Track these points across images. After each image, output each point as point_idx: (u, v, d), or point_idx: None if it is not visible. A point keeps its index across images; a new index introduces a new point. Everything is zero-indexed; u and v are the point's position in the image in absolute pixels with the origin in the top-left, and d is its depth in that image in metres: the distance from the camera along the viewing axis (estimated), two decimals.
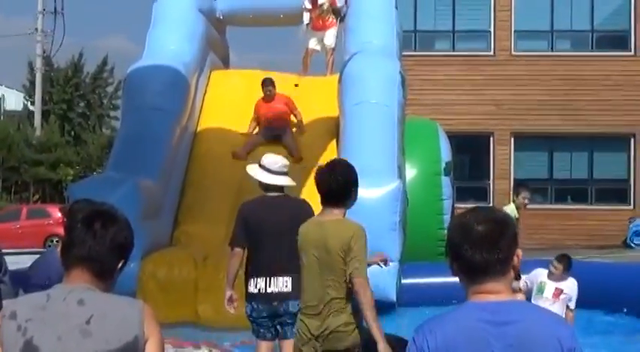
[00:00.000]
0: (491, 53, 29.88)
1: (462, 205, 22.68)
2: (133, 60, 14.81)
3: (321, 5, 16.44)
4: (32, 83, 48.62)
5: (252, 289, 7.60)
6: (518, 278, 9.89)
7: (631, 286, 12.56)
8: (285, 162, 7.93)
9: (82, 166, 43.47)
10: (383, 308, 11.85)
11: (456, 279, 3.10)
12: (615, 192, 29.73)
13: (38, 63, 47.13)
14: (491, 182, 29.41)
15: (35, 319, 3.09)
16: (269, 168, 7.81)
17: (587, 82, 29.08)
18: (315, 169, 6.27)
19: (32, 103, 48.33)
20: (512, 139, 29.66)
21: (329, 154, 13.68)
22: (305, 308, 6.03)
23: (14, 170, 41.93)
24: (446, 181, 15.77)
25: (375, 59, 13.89)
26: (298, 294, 6.89)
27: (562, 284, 9.53)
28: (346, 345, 5.84)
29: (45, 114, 46.95)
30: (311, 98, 15.42)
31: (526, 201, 12.49)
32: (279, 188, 7.81)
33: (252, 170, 7.91)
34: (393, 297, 11.85)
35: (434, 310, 5.42)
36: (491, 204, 25.35)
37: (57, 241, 31.05)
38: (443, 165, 15.82)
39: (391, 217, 11.83)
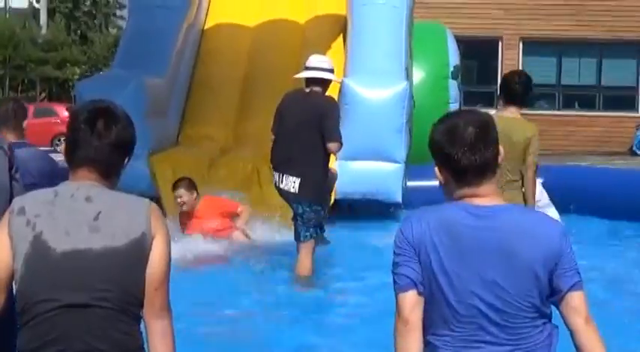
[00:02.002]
0: None
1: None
2: None
3: None
4: None
5: (275, 181, 7.91)
6: None
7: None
8: (326, 59, 8.04)
9: (89, 65, 43.32)
10: (389, 209, 12.07)
11: None
12: (623, 99, 29.63)
13: None
14: (498, 87, 29.26)
15: (43, 214, 3.14)
16: (307, 65, 7.96)
17: None
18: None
19: (37, 1, 47.92)
20: (521, 44, 29.46)
21: (335, 54, 13.62)
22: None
23: (20, 68, 41.80)
24: (453, 85, 15.75)
25: None
26: (309, 196, 7.02)
27: None
28: None
29: (51, 13, 46.61)
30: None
31: None
32: (319, 83, 7.81)
33: (302, 73, 8.14)
34: (399, 198, 11.97)
35: None
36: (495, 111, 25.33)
37: (61, 140, 31.17)
38: (451, 68, 15.77)
39: (398, 118, 11.84)
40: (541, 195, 10.52)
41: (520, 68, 29.21)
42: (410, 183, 12.47)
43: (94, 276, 3.09)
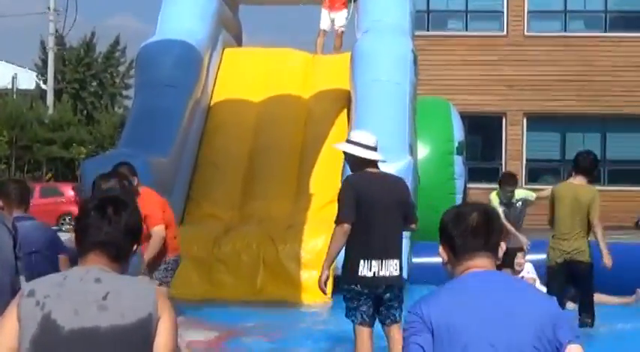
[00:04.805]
0: (504, 33, 29.77)
1: (475, 186, 22.70)
2: (144, 39, 14.81)
3: None
4: (45, 62, 48.60)
5: (365, 272, 7.23)
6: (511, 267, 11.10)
7: None
8: (375, 137, 7.59)
9: (95, 145, 43.50)
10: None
11: None
12: (629, 173, 29.63)
13: (51, 42, 47.10)
14: (503, 163, 29.33)
15: (53, 295, 3.19)
16: (365, 144, 7.44)
17: (600, 63, 28.94)
18: (325, 146, 6.41)
19: (45, 82, 48.33)
20: (525, 120, 29.58)
21: (339, 131, 13.70)
22: (560, 234, 9.67)
23: (27, 149, 41.99)
24: (458, 160, 15.78)
25: (388, 37, 13.87)
26: (402, 279, 7.00)
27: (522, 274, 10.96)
28: (585, 259, 9.63)
29: (57, 94, 46.98)
30: (322, 75, 15.44)
31: (508, 194, 12.42)
32: (375, 164, 7.51)
33: (347, 147, 7.51)
34: (404, 274, 11.86)
35: None
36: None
37: (69, 220, 31.19)
38: (455, 144, 15.81)
39: None
40: (532, 271, 11.11)
41: (524, 144, 29.37)
42: (415, 260, 12.41)
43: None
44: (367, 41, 13.91)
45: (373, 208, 7.26)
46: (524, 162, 28.95)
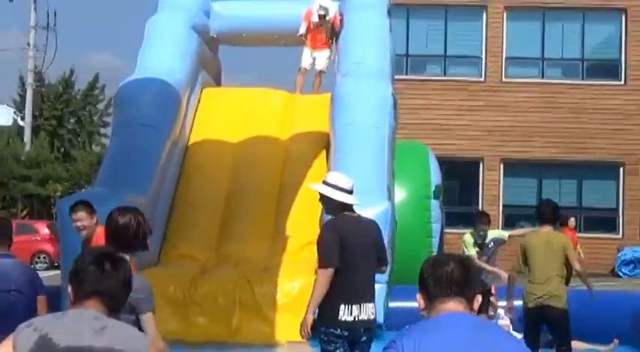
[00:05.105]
0: (482, 79, 29.99)
1: (452, 230, 22.72)
2: (123, 77, 14.81)
3: (326, 19, 16.22)
4: (23, 98, 48.56)
5: (345, 316, 7.22)
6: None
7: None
8: (352, 180, 7.53)
9: (71, 183, 43.36)
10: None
11: None
12: (604, 221, 29.76)
13: (30, 78, 47.05)
14: (480, 207, 29.37)
15: (50, 323, 3.41)
16: (341, 187, 7.40)
17: (577, 110, 29.19)
18: (303, 187, 6.37)
19: (22, 119, 48.22)
20: (502, 165, 29.71)
21: (317, 173, 13.69)
22: (534, 279, 9.62)
23: (2, 185, 41.79)
24: (435, 204, 15.77)
25: (368, 80, 13.91)
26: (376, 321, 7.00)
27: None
28: (559, 305, 9.55)
29: (35, 130, 46.87)
30: (300, 116, 15.46)
31: (481, 233, 12.56)
32: (350, 207, 7.47)
33: (323, 189, 7.45)
34: (381, 319, 11.81)
35: None
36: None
37: (44, 258, 30.93)
38: (432, 188, 15.82)
39: None
40: (505, 317, 11.32)
41: (500, 189, 29.47)
42: (392, 304, 12.36)
43: None
44: (347, 84, 13.95)
45: (353, 252, 7.23)
46: (501, 207, 29.03)
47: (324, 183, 7.52)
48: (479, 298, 3.57)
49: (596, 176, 29.68)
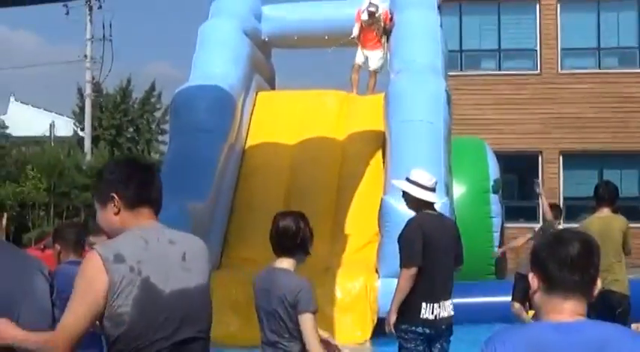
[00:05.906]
0: (538, 71, 29.72)
1: (512, 225, 22.57)
2: (179, 84, 14.93)
3: (376, 16, 16.20)
4: (82, 109, 49.09)
5: (427, 315, 7.27)
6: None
7: None
8: (435, 178, 7.58)
9: None
10: None
11: (506, 298, 3.10)
12: None
13: (87, 89, 47.58)
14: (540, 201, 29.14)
15: (143, 260, 3.48)
16: (423, 185, 7.42)
17: (635, 99, 28.79)
18: (360, 187, 6.36)
19: (82, 129, 48.79)
20: (561, 158, 29.42)
21: (374, 171, 13.69)
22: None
23: (65, 195, 42.31)
24: (494, 199, 15.72)
25: (421, 77, 13.89)
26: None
27: None
28: (619, 289, 9.30)
29: (95, 140, 47.38)
30: (356, 116, 15.46)
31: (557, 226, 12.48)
32: (432, 205, 7.51)
33: (406, 186, 7.48)
34: None
35: (485, 329, 5.42)
36: (540, 224, 25.20)
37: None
38: (491, 182, 15.76)
39: None
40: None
41: (560, 181, 29.18)
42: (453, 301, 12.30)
43: (195, 312, 3.58)
44: (401, 81, 13.93)
45: (436, 250, 7.25)
46: (562, 200, 28.76)
47: (407, 179, 7.54)
48: (598, 283, 3.07)
49: None
